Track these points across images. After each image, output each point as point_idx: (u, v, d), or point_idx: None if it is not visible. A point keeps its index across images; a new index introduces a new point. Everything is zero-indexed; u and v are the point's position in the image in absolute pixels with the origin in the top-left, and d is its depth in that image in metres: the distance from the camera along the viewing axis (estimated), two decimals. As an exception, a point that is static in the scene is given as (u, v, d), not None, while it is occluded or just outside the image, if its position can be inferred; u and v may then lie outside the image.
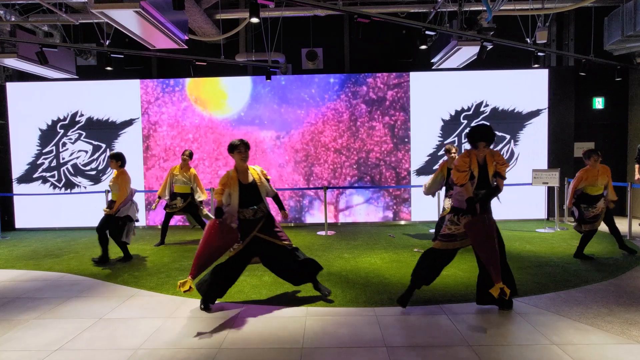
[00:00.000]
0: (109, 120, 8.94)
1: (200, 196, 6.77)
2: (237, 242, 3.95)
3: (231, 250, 3.98)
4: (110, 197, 5.96)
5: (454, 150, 6.19)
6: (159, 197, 6.86)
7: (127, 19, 5.23)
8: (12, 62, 7.14)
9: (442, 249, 3.81)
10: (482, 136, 3.63)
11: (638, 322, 3.53)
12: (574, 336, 3.29)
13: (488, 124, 3.78)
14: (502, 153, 8.78)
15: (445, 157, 6.48)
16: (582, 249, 5.61)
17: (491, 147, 3.75)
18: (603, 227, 5.85)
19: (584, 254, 5.60)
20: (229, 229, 3.86)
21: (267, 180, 4.20)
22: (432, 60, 8.29)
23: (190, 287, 3.57)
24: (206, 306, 4.00)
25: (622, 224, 7.87)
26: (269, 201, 4.33)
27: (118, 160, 5.78)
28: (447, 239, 3.79)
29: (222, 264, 4.01)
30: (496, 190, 3.81)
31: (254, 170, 4.13)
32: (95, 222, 6.08)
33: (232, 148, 4.04)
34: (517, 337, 3.29)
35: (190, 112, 8.84)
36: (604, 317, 3.65)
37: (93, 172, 9.03)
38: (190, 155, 6.81)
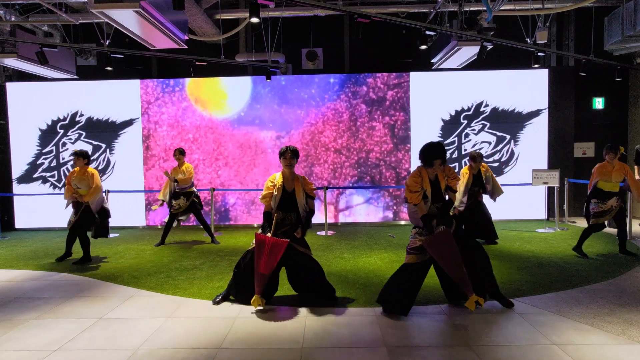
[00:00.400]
0: (109, 121, 8.94)
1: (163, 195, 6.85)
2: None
3: (253, 244, 3.96)
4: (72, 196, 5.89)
5: (478, 159, 6.21)
6: (162, 201, 6.86)
7: (127, 19, 5.23)
8: (12, 62, 7.14)
9: (415, 262, 3.73)
10: (438, 154, 3.64)
11: (638, 322, 3.53)
12: (574, 336, 3.29)
13: (439, 141, 3.79)
14: (502, 153, 8.80)
15: (468, 164, 6.38)
16: (581, 242, 5.67)
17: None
18: (609, 227, 5.85)
19: (582, 250, 5.63)
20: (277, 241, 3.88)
21: (310, 195, 4.11)
22: (432, 60, 8.29)
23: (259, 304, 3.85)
24: (222, 300, 4.15)
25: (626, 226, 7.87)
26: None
27: (85, 157, 5.82)
28: (417, 251, 3.74)
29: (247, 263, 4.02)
30: (450, 204, 3.88)
31: (298, 181, 4.08)
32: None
33: (279, 154, 4.04)
34: (517, 337, 3.29)
35: (191, 112, 8.84)
36: (604, 317, 3.64)
37: (93, 172, 9.01)
38: (180, 152, 6.81)
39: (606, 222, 5.72)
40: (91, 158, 8.93)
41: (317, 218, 8.84)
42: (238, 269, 4.09)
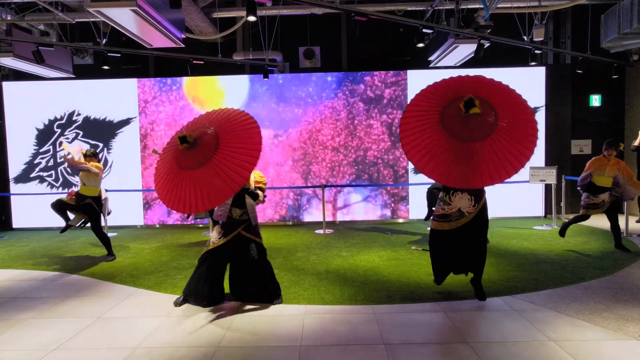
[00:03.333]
0: (106, 120, 8.92)
1: None
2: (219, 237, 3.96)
3: (210, 244, 4.00)
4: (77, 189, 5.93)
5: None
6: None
7: (123, 18, 5.22)
8: (8, 62, 7.10)
9: (438, 229, 3.86)
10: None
11: (634, 318, 3.55)
12: (571, 332, 3.31)
13: None
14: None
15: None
16: (567, 227, 5.85)
17: None
18: (605, 224, 5.90)
19: (564, 231, 5.90)
20: None
21: (260, 188, 4.13)
22: (430, 59, 8.30)
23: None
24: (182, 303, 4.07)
25: (619, 221, 7.91)
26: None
27: (95, 157, 5.91)
28: (441, 218, 3.83)
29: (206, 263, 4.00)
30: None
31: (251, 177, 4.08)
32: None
33: None
34: (514, 334, 3.30)
35: (188, 111, 8.83)
36: (600, 313, 3.66)
37: (90, 172, 9.00)
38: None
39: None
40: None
41: (316, 216, 8.89)
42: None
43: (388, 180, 8.84)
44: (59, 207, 5.81)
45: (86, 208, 5.79)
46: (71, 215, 5.96)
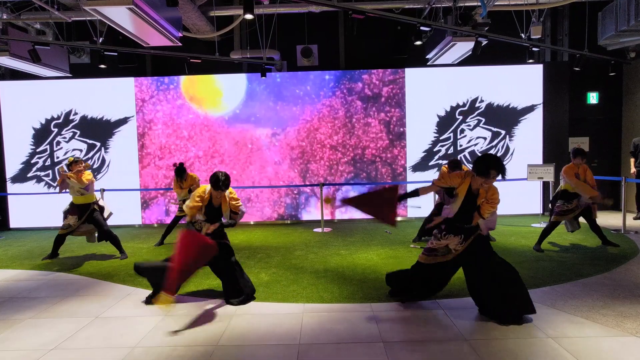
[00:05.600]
0: (104, 119, 8.89)
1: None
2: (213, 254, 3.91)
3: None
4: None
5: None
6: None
7: (120, 16, 5.19)
8: (4, 61, 7.07)
9: (424, 262, 3.77)
10: (497, 166, 3.41)
11: (632, 314, 3.56)
12: (569, 329, 3.31)
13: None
14: (497, 148, 8.83)
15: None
16: (541, 241, 5.81)
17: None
18: (602, 222, 5.93)
19: (541, 247, 5.80)
20: (206, 242, 3.79)
21: (234, 212, 4.15)
22: (427, 56, 8.29)
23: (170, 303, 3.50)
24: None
25: (617, 218, 7.94)
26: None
27: (82, 162, 5.93)
28: (429, 252, 3.75)
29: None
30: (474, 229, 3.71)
31: (225, 197, 4.11)
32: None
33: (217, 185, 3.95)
34: (513, 331, 3.31)
35: (186, 110, 8.80)
36: (598, 310, 3.67)
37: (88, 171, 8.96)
38: (179, 170, 6.46)
39: (564, 224, 5.92)
40: (86, 157, 8.93)
41: (314, 215, 8.89)
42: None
43: (386, 178, 8.83)
44: (60, 240, 5.95)
45: (91, 217, 5.84)
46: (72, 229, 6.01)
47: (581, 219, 5.89)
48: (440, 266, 3.75)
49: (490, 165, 3.41)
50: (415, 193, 3.69)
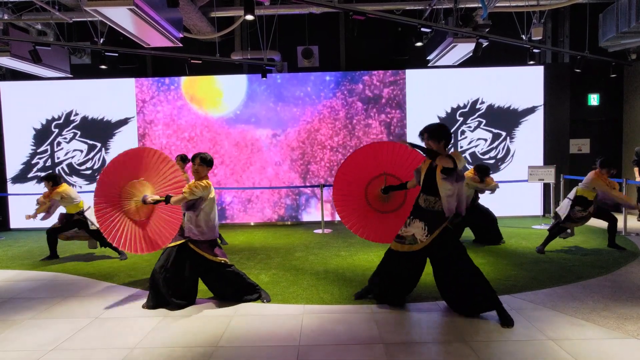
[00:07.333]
0: (104, 120, 8.89)
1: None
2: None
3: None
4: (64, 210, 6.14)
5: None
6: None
7: (120, 17, 5.19)
8: (5, 61, 7.08)
9: (394, 249, 3.85)
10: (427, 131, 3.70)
11: (633, 316, 3.55)
12: (570, 331, 3.30)
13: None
14: (498, 150, 8.82)
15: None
16: (547, 243, 5.78)
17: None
18: (604, 222, 5.93)
19: (543, 249, 5.79)
20: None
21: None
22: (428, 58, 8.29)
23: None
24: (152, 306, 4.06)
25: (617, 220, 7.91)
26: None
27: (49, 180, 6.04)
28: (399, 239, 3.83)
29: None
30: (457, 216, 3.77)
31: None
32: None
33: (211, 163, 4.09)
34: (513, 333, 3.30)
35: (186, 111, 8.81)
36: (599, 312, 3.66)
37: (88, 172, 8.98)
38: (182, 159, 6.46)
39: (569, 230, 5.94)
40: (86, 157, 8.93)
41: (314, 216, 8.87)
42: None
43: (387, 179, 8.81)
44: (52, 236, 6.12)
45: (79, 223, 6.00)
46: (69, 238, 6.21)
47: (596, 220, 5.88)
48: (409, 257, 3.75)
49: (422, 131, 3.75)
50: (404, 186, 4.17)
